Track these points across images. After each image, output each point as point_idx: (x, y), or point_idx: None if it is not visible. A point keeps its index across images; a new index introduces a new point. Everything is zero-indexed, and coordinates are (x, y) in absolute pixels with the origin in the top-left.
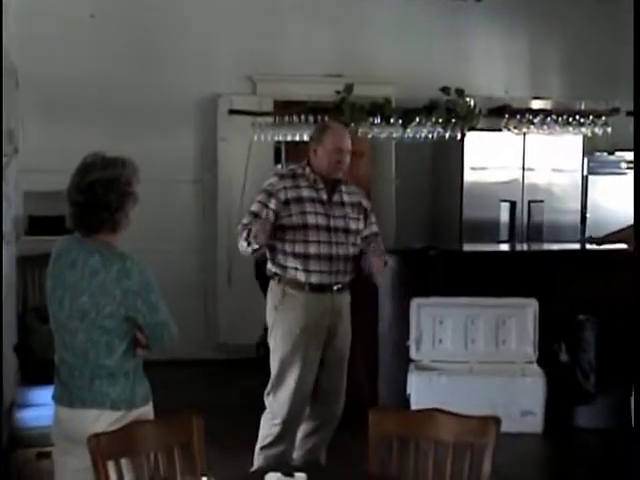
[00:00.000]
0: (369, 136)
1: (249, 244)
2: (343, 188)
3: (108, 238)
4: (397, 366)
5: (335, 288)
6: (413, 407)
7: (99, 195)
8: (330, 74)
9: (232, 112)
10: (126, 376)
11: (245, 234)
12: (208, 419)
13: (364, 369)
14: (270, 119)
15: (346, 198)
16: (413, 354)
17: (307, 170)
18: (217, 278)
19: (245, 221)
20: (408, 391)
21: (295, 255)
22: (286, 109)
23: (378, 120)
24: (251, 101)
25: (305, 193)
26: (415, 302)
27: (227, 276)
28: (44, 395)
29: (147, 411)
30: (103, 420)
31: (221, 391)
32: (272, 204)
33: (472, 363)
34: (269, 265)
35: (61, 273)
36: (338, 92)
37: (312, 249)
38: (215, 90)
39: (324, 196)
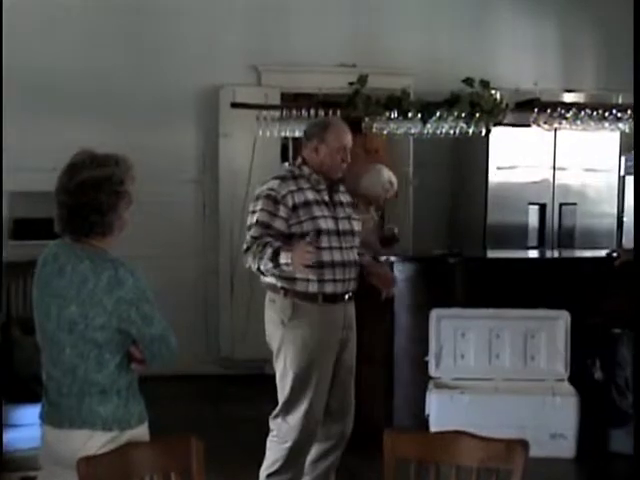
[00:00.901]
0: (385, 132)
1: (276, 264)
2: (340, 187)
3: (99, 243)
4: (415, 384)
5: (346, 297)
6: (432, 429)
7: (89, 196)
8: (343, 64)
9: (235, 105)
10: (119, 394)
11: (270, 251)
12: (209, 441)
13: (378, 387)
14: (277, 113)
15: (343, 197)
16: (432, 371)
17: (306, 170)
18: (219, 286)
19: (254, 233)
20: (427, 411)
21: (307, 265)
22: (294, 102)
23: (395, 114)
24: (256, 93)
25: (310, 196)
26: (435, 313)
27: (230, 284)
28: (29, 414)
29: (142, 432)
30: (94, 442)
31: (223, 410)
32: (282, 212)
33: (497, 381)
34: (270, 279)
35: (48, 281)
36: (351, 83)
37: (325, 256)
38: (216, 81)
39: (326, 197)
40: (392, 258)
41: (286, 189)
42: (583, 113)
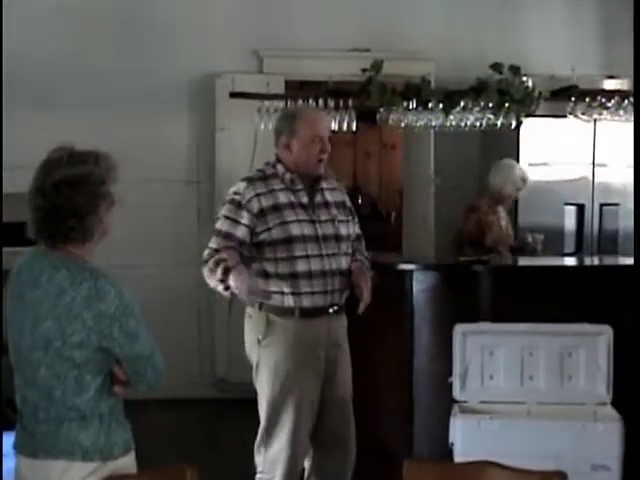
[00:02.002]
0: (402, 124)
1: (226, 287)
2: (324, 184)
3: (77, 250)
4: (437, 408)
5: (331, 311)
6: (457, 459)
7: (65, 197)
8: (355, 48)
9: (234, 95)
10: (101, 419)
11: (220, 271)
12: (204, 471)
13: (396, 412)
14: (281, 103)
15: (329, 197)
16: (457, 393)
17: (280, 169)
18: (215, 299)
19: (213, 245)
20: (451, 439)
21: (279, 276)
22: (300, 91)
23: (413, 105)
24: (257, 81)
25: (282, 198)
26: (459, 329)
27: (227, 298)
28: (2, 443)
29: (127, 462)
30: (72, 474)
31: (220, 437)
32: (244, 218)
33: (530, 404)
34: None
35: (21, 293)
36: (364, 70)
37: (300, 266)
38: (212, 68)
39: (304, 198)
40: (410, 266)
41: (252, 192)
42: (626, 102)
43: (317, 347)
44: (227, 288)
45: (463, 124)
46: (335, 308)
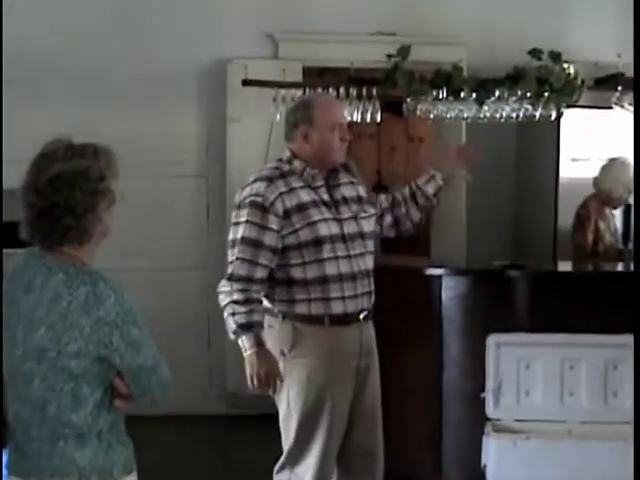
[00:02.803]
0: (431, 116)
1: (237, 336)
2: (340, 179)
3: (75, 252)
4: (468, 427)
5: (362, 317)
6: None
7: (62, 194)
8: (380, 32)
9: (246, 83)
10: (99, 437)
11: (243, 320)
12: None
13: (423, 430)
14: (298, 92)
15: (346, 192)
16: (490, 411)
17: (297, 164)
18: None
19: (243, 254)
20: (484, 460)
21: (307, 282)
22: (320, 79)
23: (444, 94)
24: (272, 68)
25: (305, 196)
26: (493, 339)
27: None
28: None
29: None
30: None
31: (231, 456)
32: (273, 223)
33: (571, 423)
34: (266, 302)
35: (14, 299)
36: (390, 56)
37: (330, 269)
38: (223, 54)
39: (325, 195)
40: (439, 271)
41: (275, 192)
42: None
43: (349, 357)
44: (235, 337)
45: (498, 115)
46: (366, 313)
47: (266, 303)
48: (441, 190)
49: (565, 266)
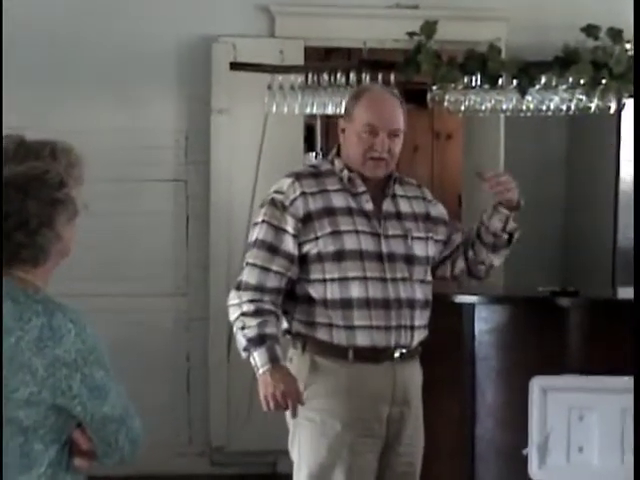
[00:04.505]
0: (462, 108)
1: (248, 353)
2: (399, 189)
3: (28, 275)
4: None
5: (397, 355)
6: None
7: (11, 205)
8: (399, 4)
9: (236, 66)
10: None
11: (254, 334)
12: None
13: None
14: (299, 78)
15: (404, 206)
16: (534, 470)
17: (338, 164)
18: (209, 339)
19: (255, 259)
20: None
21: (328, 303)
22: (325, 62)
23: (477, 81)
24: (268, 48)
25: (337, 201)
26: (538, 383)
27: (226, 336)
28: None
29: None
30: None
31: None
32: (289, 225)
33: None
34: (285, 324)
35: None
36: (412, 34)
37: (355, 291)
38: (208, 30)
39: (367, 204)
40: (471, 298)
41: (298, 190)
42: None
43: (377, 403)
44: (247, 355)
45: (545, 107)
46: (403, 351)
47: (285, 324)
48: (510, 221)
49: (627, 293)
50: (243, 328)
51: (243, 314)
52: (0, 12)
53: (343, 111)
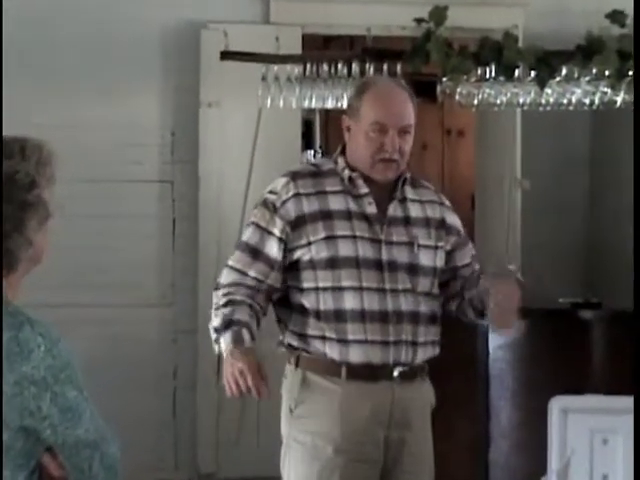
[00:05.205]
0: (475, 101)
1: (216, 339)
2: (410, 192)
3: None
4: None
5: (396, 373)
6: None
7: None
8: None
9: (227, 56)
10: None
11: (220, 320)
12: None
13: None
14: (296, 68)
15: (415, 210)
16: None
17: (340, 163)
18: (198, 356)
19: (234, 262)
20: None
21: (320, 314)
22: (325, 51)
23: (492, 72)
24: (262, 36)
25: (335, 203)
26: (558, 404)
27: (216, 352)
28: None
29: None
30: None
31: None
32: (276, 228)
33: None
34: (280, 335)
35: None
36: (419, 20)
37: (349, 302)
38: (196, 15)
39: (370, 208)
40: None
41: (292, 191)
42: None
43: (373, 425)
44: (216, 342)
45: (566, 101)
46: (404, 369)
47: (281, 337)
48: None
49: None
50: (214, 319)
51: (215, 308)
52: (0, 12)
53: (347, 107)
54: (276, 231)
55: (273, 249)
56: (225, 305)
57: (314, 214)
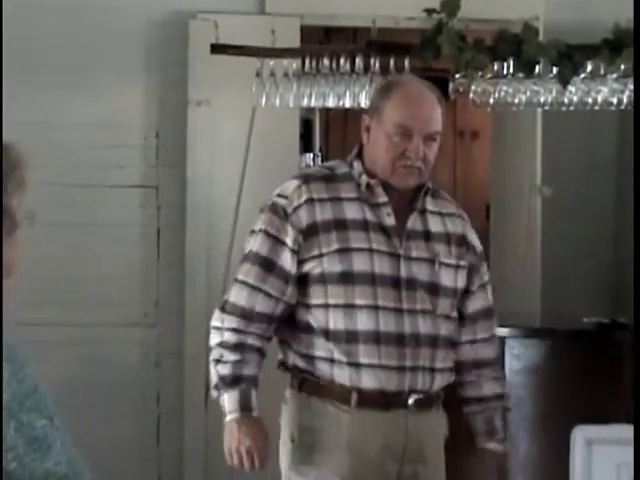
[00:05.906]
0: (490, 101)
1: (218, 394)
2: (430, 204)
3: None
4: None
5: (411, 401)
6: None
7: None
8: None
9: (218, 49)
10: None
11: (234, 340)
12: None
13: None
14: (294, 63)
15: (435, 224)
16: None
17: (357, 167)
18: (184, 381)
19: (247, 277)
20: None
21: (330, 334)
22: (325, 44)
23: (509, 68)
24: (256, 27)
25: (350, 212)
26: (582, 434)
27: (204, 375)
28: None
29: None
30: None
31: None
32: (289, 237)
33: None
34: (281, 355)
35: None
36: (430, 11)
37: (362, 322)
38: (184, 5)
39: (389, 219)
40: (500, 331)
41: (305, 196)
42: None
43: (385, 458)
44: (218, 395)
45: (591, 100)
46: (419, 397)
47: (282, 356)
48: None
49: None
50: (218, 362)
51: (222, 344)
52: (0, 12)
53: (368, 105)
54: (288, 241)
55: (287, 261)
56: (234, 348)
57: (327, 223)
